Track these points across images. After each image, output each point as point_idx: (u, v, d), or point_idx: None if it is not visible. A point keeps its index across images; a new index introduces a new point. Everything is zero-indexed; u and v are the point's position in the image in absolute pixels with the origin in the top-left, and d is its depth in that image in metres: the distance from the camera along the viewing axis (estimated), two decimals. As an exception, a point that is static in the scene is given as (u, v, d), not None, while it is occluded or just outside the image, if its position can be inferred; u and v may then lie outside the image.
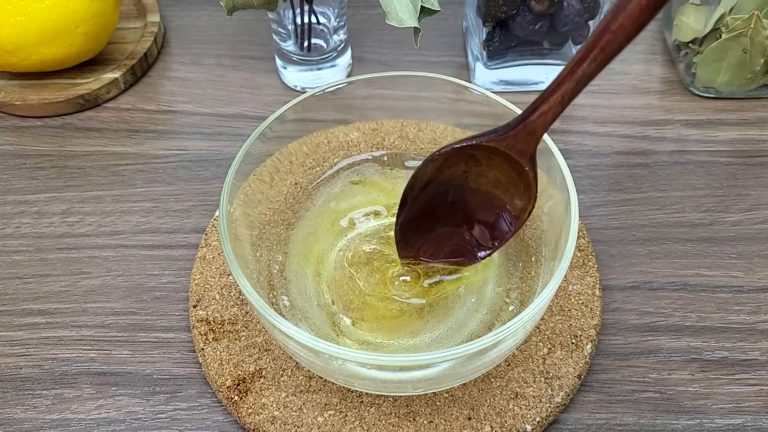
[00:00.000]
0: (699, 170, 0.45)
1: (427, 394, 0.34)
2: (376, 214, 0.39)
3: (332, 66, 0.50)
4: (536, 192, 0.32)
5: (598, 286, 0.38)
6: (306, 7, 0.46)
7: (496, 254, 0.37)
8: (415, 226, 0.35)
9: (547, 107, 0.29)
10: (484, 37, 0.47)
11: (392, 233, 0.36)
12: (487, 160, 0.33)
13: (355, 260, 0.37)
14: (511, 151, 0.31)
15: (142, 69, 0.52)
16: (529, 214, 0.33)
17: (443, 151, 0.32)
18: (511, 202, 0.34)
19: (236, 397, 0.34)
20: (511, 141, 0.31)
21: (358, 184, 0.40)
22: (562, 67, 0.28)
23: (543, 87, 0.50)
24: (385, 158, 0.41)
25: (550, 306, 0.37)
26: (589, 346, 0.36)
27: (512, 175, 0.32)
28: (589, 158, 0.46)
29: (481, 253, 0.35)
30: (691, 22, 0.48)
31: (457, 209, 0.35)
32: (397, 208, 0.35)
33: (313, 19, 0.47)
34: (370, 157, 0.41)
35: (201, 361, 0.36)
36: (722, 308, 0.39)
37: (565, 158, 0.33)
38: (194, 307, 0.38)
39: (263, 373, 0.35)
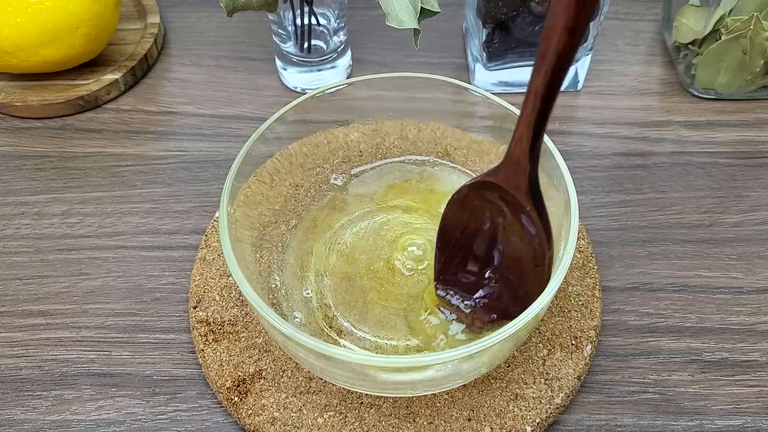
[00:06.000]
0: (699, 171, 0.45)
1: (426, 395, 0.34)
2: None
3: (332, 67, 0.50)
4: (546, 234, 0.30)
5: (597, 287, 0.38)
6: (306, 9, 0.46)
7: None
8: (456, 266, 0.34)
9: (519, 133, 0.29)
10: (484, 38, 0.47)
11: (387, 229, 0.37)
12: (506, 206, 0.31)
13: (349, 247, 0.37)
14: (507, 186, 0.30)
15: (142, 70, 0.52)
16: (549, 262, 0.30)
17: (455, 195, 0.32)
18: (532, 254, 0.31)
19: (236, 398, 0.34)
20: (503, 174, 0.30)
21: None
22: None
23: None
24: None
25: (549, 307, 0.37)
26: (589, 347, 0.36)
27: (522, 218, 0.31)
28: (589, 159, 0.46)
29: (514, 313, 0.31)
30: (690, 24, 0.48)
31: (495, 262, 0.33)
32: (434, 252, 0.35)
33: (313, 21, 0.47)
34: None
35: (201, 362, 0.36)
36: (722, 309, 0.39)
37: (564, 159, 0.33)
38: (194, 308, 0.38)
39: (263, 374, 0.35)
